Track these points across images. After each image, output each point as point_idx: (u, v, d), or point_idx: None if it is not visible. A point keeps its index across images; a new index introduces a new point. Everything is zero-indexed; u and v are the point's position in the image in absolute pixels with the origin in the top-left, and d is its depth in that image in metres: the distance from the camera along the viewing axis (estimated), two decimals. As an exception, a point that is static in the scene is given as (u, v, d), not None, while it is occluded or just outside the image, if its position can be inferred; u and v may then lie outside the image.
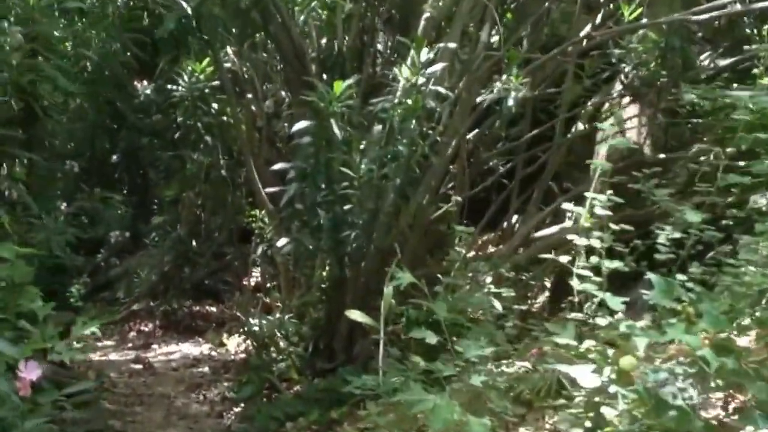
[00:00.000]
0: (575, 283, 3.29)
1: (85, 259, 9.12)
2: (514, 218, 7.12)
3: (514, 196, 6.86)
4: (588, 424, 2.79)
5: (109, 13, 8.91)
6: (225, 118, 8.81)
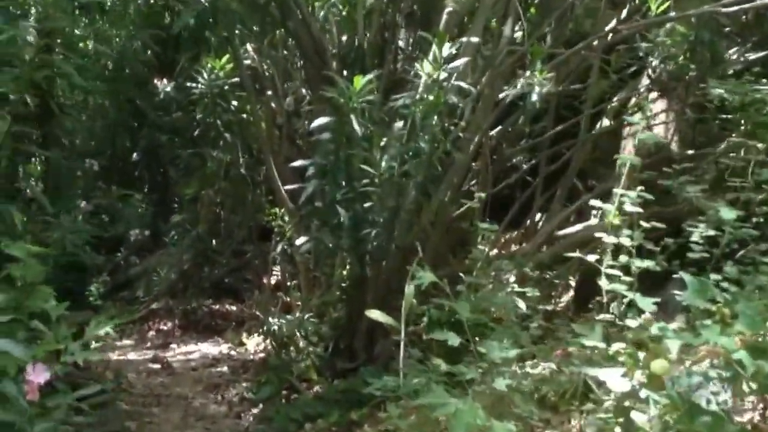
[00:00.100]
0: (604, 283, 3.20)
1: (105, 258, 9.14)
2: (538, 216, 7.08)
3: (538, 194, 6.83)
4: (617, 429, 2.72)
5: (130, 11, 8.95)
6: (245, 116, 8.79)
